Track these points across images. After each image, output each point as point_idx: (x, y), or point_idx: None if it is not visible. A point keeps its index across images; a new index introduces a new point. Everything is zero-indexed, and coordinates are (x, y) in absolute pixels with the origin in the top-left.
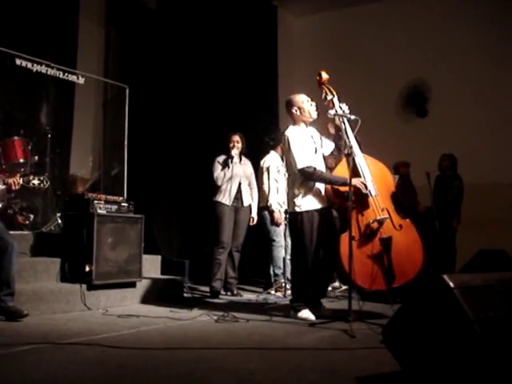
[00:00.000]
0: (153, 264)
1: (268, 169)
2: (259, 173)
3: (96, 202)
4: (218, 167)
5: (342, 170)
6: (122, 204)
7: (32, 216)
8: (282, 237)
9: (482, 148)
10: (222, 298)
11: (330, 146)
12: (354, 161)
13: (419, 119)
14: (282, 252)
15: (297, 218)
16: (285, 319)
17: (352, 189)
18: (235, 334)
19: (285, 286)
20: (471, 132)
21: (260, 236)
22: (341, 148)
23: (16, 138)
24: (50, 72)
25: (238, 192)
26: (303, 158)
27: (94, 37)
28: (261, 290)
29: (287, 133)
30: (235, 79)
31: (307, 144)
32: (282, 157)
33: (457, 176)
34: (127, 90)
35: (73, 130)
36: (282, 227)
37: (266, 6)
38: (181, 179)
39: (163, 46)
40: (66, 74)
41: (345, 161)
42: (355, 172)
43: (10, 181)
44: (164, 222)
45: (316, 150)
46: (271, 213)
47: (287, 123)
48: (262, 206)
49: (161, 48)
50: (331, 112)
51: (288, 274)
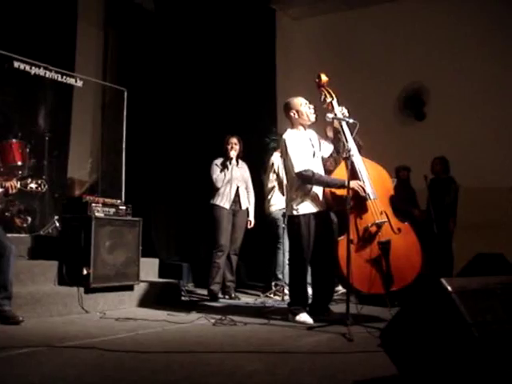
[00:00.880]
0: (150, 267)
1: (277, 168)
2: (266, 174)
3: (94, 204)
4: (217, 169)
5: (341, 173)
6: (120, 207)
7: (30, 219)
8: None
9: (479, 151)
10: (219, 302)
11: (328, 148)
12: (353, 164)
13: (417, 122)
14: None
15: (294, 222)
16: (283, 322)
17: (351, 192)
18: (233, 337)
19: (283, 290)
20: (469, 135)
21: (261, 239)
22: (340, 151)
23: (14, 140)
24: (48, 75)
25: (235, 195)
26: (300, 162)
27: (93, 39)
28: (258, 293)
29: (285, 136)
30: (233, 82)
31: (305, 147)
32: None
33: (451, 179)
34: (125, 93)
35: (71, 133)
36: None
37: (264, 8)
38: (179, 182)
39: (162, 48)
40: (64, 77)
41: (343, 164)
42: (354, 175)
43: (8, 184)
44: (162, 225)
45: (314, 153)
46: None
47: (285, 126)
48: (276, 209)
49: (159, 51)
50: (329, 115)
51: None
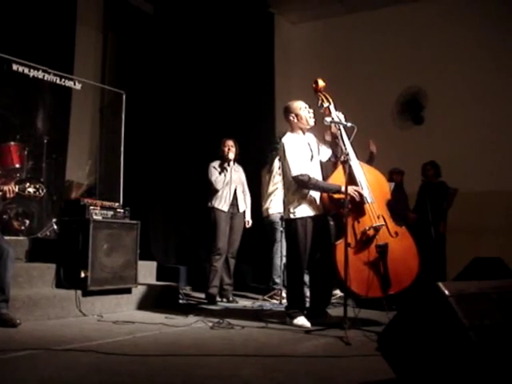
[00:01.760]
0: (148, 270)
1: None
2: (268, 176)
3: (92, 207)
4: (215, 172)
5: (339, 177)
6: (118, 210)
7: (28, 221)
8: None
9: (477, 155)
10: (217, 305)
11: (327, 152)
12: (351, 168)
13: (415, 126)
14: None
15: (291, 225)
16: (280, 326)
17: (348, 196)
18: (230, 340)
19: (281, 293)
20: (467, 139)
21: (259, 242)
22: (337, 155)
23: (12, 143)
24: (47, 77)
25: (233, 198)
26: (297, 166)
27: (91, 42)
28: (259, 296)
29: (283, 140)
30: (232, 85)
31: (303, 151)
32: None
33: (444, 183)
34: (124, 96)
35: (69, 136)
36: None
37: (262, 13)
38: (177, 185)
39: (161, 51)
40: (63, 80)
41: (341, 168)
42: (351, 179)
43: (5, 188)
44: (160, 227)
45: (312, 157)
46: None
47: (284, 129)
48: (275, 212)
49: (158, 54)
50: (327, 119)
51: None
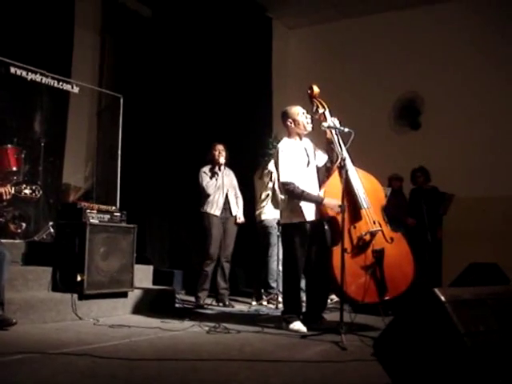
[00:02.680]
0: (144, 274)
1: (272, 175)
2: (262, 181)
3: (88, 211)
4: (206, 177)
5: (335, 182)
6: (115, 214)
7: (24, 224)
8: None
9: (474, 161)
10: (213, 309)
11: (323, 157)
12: (347, 173)
13: (412, 132)
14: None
15: (288, 230)
16: (276, 331)
17: (345, 201)
18: (226, 345)
19: (277, 298)
20: (464, 145)
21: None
22: (333, 160)
23: (9, 146)
24: (45, 81)
25: (225, 202)
26: (287, 173)
27: (89, 46)
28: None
29: (279, 145)
30: (230, 90)
31: (299, 157)
32: None
33: (436, 188)
34: (121, 100)
35: (66, 139)
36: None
37: (260, 17)
38: (174, 189)
39: (158, 55)
40: (61, 83)
41: (337, 173)
42: (347, 184)
43: (2, 190)
44: (157, 231)
45: (309, 163)
46: None
47: (281, 134)
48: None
49: (156, 58)
50: (325, 124)
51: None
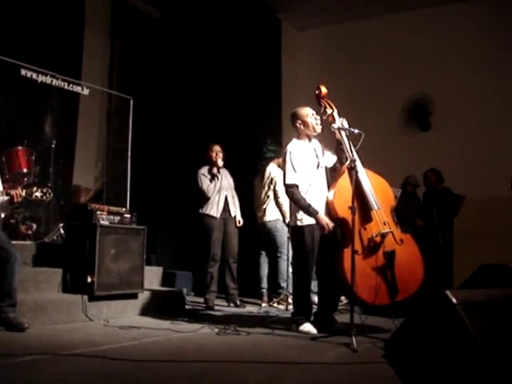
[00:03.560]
0: (154, 275)
1: (272, 180)
2: (262, 184)
3: (99, 212)
4: (205, 179)
5: (345, 183)
6: (125, 215)
7: (35, 226)
8: (287, 250)
9: (485, 162)
10: (223, 310)
11: (332, 158)
12: (357, 174)
13: (422, 133)
14: (286, 264)
15: (298, 232)
16: (286, 332)
17: (355, 203)
18: (236, 346)
19: (287, 299)
20: (474, 146)
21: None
22: (342, 161)
23: (20, 147)
24: (55, 83)
25: (225, 203)
26: (291, 176)
27: (99, 47)
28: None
29: (288, 147)
30: (239, 92)
31: (307, 159)
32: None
33: (448, 190)
34: (131, 102)
35: (76, 141)
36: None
37: (270, 19)
38: (184, 191)
39: (168, 57)
40: (71, 85)
41: (347, 174)
42: (358, 186)
43: (13, 192)
44: (166, 233)
45: (318, 164)
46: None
47: (290, 136)
48: (274, 219)
49: (165, 59)
50: (335, 125)
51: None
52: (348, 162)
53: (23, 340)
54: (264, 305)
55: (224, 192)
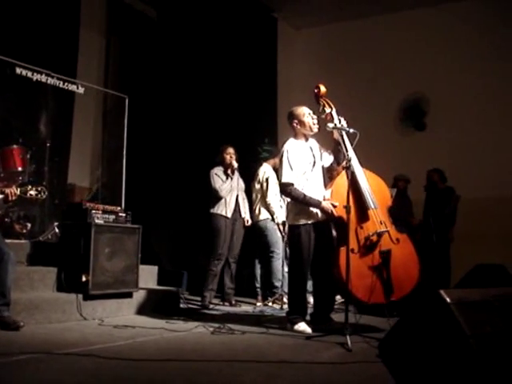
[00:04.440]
0: (149, 274)
1: (267, 179)
2: (256, 184)
3: (94, 211)
4: (219, 179)
5: (341, 183)
6: (120, 214)
7: (29, 225)
8: (281, 249)
9: (480, 162)
10: (218, 309)
11: (329, 158)
12: (353, 173)
13: (417, 133)
14: (280, 264)
15: (295, 231)
16: (281, 332)
17: (352, 201)
18: (231, 346)
19: (282, 299)
20: (469, 146)
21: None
22: (339, 160)
23: (15, 146)
24: (50, 81)
25: (236, 204)
26: (288, 174)
27: (95, 46)
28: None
29: (285, 145)
30: (235, 91)
31: (304, 158)
32: (275, 168)
33: (450, 189)
34: (127, 100)
35: (72, 140)
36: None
37: (266, 17)
38: (179, 190)
39: (163, 56)
40: (66, 84)
41: (344, 173)
42: (355, 185)
43: (7, 191)
44: (161, 232)
45: (315, 163)
46: (283, 225)
47: (286, 135)
48: (264, 218)
49: (161, 58)
50: (330, 125)
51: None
52: (344, 162)
53: (18, 339)
54: (259, 304)
55: (235, 193)
